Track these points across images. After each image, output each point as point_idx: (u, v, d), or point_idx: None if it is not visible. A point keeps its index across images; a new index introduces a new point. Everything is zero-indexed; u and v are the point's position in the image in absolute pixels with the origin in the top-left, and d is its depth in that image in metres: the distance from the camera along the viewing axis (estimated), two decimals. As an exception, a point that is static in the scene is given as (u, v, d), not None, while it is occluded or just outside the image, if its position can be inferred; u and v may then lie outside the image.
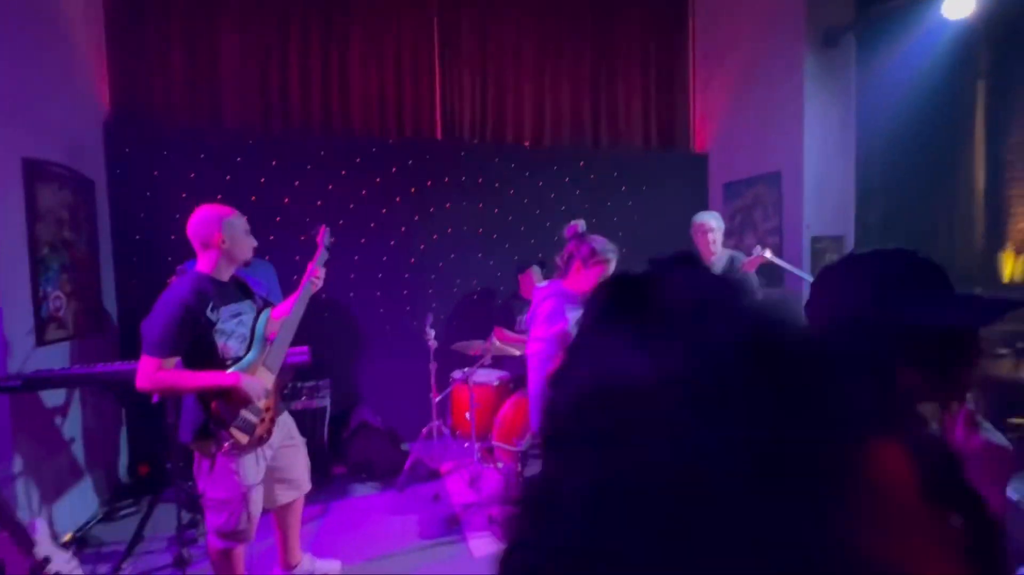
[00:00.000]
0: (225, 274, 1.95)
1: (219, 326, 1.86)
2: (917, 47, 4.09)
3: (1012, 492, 1.88)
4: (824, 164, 4.00)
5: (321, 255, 2.20)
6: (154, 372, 1.77)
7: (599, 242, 2.08)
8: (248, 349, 1.96)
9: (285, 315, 2.08)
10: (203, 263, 1.92)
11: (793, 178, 4.05)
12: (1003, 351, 3.56)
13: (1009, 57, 5.61)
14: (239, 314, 1.95)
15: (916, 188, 6.05)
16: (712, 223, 3.25)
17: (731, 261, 3.25)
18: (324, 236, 2.25)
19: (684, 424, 0.27)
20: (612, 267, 2.09)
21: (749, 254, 3.13)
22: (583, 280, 2.06)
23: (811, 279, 2.63)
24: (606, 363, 0.32)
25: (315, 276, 2.15)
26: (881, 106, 4.70)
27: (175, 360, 1.80)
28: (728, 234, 4.69)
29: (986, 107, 5.90)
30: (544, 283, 2.20)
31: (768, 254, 2.88)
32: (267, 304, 2.13)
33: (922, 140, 5.78)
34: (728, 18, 4.68)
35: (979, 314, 0.71)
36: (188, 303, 1.79)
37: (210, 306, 1.84)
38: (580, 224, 2.14)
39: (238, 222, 1.94)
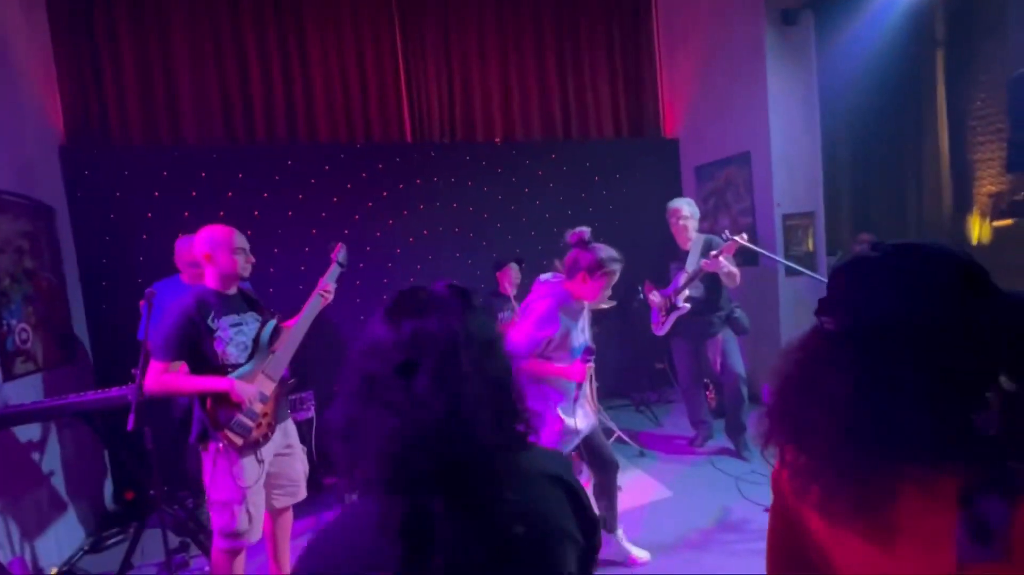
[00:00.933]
0: (228, 287, 2.06)
1: (218, 334, 1.96)
2: (874, 22, 4.14)
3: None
4: (791, 142, 4.05)
5: (333, 270, 2.26)
6: (159, 375, 1.91)
7: (605, 252, 2.05)
8: (249, 358, 2.04)
9: (291, 326, 2.17)
10: (206, 278, 2.07)
11: (762, 157, 4.09)
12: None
13: (966, 26, 5.72)
14: (239, 324, 2.04)
15: (882, 158, 6.15)
16: (684, 210, 3.27)
17: (707, 245, 3.27)
18: (339, 253, 2.31)
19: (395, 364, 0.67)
20: (616, 276, 2.07)
21: (723, 234, 3.12)
22: (588, 290, 2.06)
23: (784, 260, 2.64)
24: (372, 333, 0.71)
25: (325, 290, 2.22)
26: (843, 81, 4.76)
27: (179, 364, 1.92)
28: (703, 216, 4.73)
29: (946, 76, 6.01)
30: (549, 277, 2.18)
31: (740, 239, 2.90)
32: (272, 316, 2.19)
33: (885, 112, 5.87)
34: (688, 2, 4.69)
35: None
36: (189, 311, 1.93)
37: (211, 316, 1.96)
38: (586, 232, 2.10)
39: (229, 240, 2.04)
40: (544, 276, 2.21)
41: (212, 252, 2.01)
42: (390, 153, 4.15)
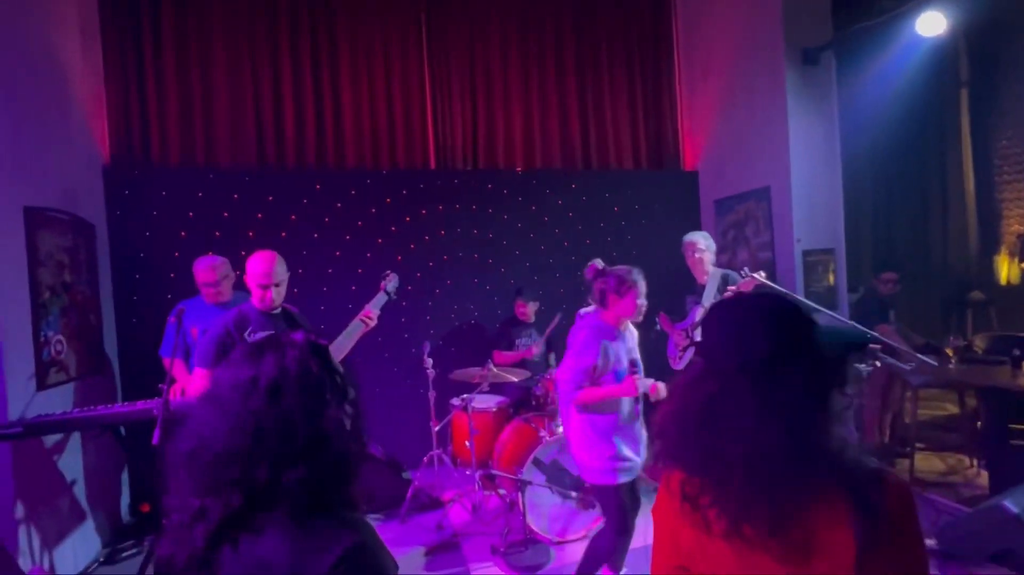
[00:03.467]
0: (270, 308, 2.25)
1: None
2: (896, 62, 4.18)
3: (1012, 505, 1.87)
4: (811, 178, 4.06)
5: (379, 298, 2.39)
6: (200, 379, 2.11)
7: (623, 270, 2.20)
8: None
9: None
10: (252, 296, 2.26)
11: (782, 193, 4.10)
12: (1002, 359, 3.56)
13: (990, 66, 5.72)
14: None
15: (905, 197, 6.10)
16: (700, 243, 3.29)
17: (724, 280, 3.28)
18: (389, 281, 2.44)
19: (246, 397, 0.76)
20: (642, 286, 2.20)
21: (741, 271, 3.10)
22: (623, 308, 2.18)
23: (802, 298, 2.67)
24: (230, 371, 0.80)
25: (367, 316, 2.34)
26: (865, 120, 4.79)
27: None
28: (721, 250, 4.74)
29: (971, 114, 5.99)
30: (589, 310, 2.26)
31: (758, 277, 2.89)
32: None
33: (909, 151, 5.84)
34: (709, 38, 4.80)
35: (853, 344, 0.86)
36: (228, 325, 2.14)
37: (248, 330, 2.13)
38: (598, 262, 2.27)
39: (256, 275, 2.19)
40: (583, 310, 2.28)
41: (247, 281, 2.22)
42: (414, 180, 4.27)
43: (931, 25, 3.29)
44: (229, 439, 0.73)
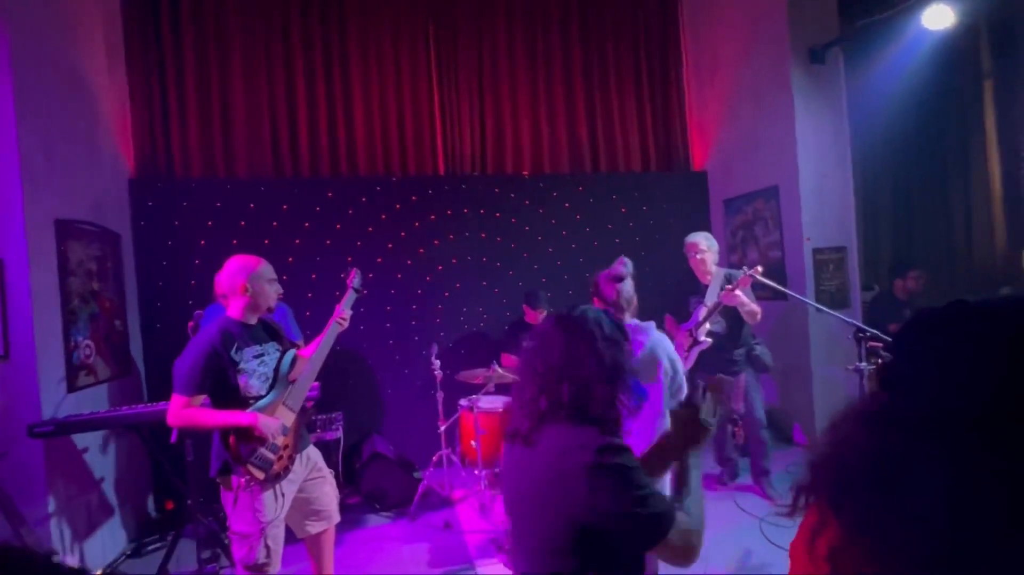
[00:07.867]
0: (251, 318, 2.08)
1: (241, 365, 1.97)
2: (908, 56, 4.10)
3: None
4: (820, 177, 4.01)
5: (349, 296, 2.30)
6: (181, 409, 1.91)
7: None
8: (270, 389, 2.05)
9: (309, 355, 2.17)
10: (231, 308, 2.06)
11: (790, 192, 4.07)
12: None
13: (1014, 57, 5.54)
14: (261, 355, 2.05)
15: (926, 194, 5.94)
16: (702, 243, 3.29)
17: (727, 279, 3.27)
18: (354, 278, 2.34)
19: None
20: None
21: (743, 270, 3.08)
22: None
23: (802, 297, 2.55)
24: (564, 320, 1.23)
25: (341, 317, 2.25)
26: (880, 116, 4.69)
27: (202, 398, 1.94)
28: (731, 249, 4.72)
29: (996, 107, 5.80)
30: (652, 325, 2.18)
31: (755, 273, 2.89)
32: (292, 346, 2.23)
33: (928, 146, 5.70)
34: (715, 37, 4.79)
35: None
36: (214, 343, 1.94)
37: (235, 347, 1.97)
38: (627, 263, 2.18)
39: (263, 272, 2.08)
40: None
41: (249, 283, 2.03)
42: (423, 186, 4.37)
43: (938, 18, 3.24)
44: (558, 359, 1.11)
